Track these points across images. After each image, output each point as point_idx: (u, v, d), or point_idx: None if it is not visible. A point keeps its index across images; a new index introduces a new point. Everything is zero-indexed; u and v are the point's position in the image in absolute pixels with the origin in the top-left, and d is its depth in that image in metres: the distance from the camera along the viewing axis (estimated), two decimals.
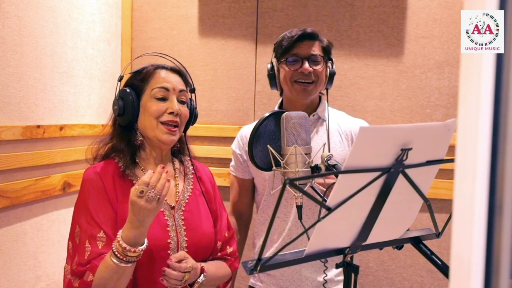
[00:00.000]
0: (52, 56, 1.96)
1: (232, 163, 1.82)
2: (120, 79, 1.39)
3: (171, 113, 1.32)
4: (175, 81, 1.36)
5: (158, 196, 1.14)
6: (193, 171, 1.47)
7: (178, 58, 2.47)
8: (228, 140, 2.37)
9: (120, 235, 1.18)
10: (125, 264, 1.17)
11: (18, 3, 1.75)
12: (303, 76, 1.60)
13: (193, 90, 1.44)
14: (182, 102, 1.37)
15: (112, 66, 2.43)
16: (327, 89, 1.68)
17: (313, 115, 1.68)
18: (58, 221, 2.00)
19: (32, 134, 1.82)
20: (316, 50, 1.61)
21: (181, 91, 1.36)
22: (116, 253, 1.16)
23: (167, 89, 1.33)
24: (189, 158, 1.49)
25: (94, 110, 2.28)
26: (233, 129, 2.38)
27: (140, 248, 1.17)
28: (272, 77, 1.67)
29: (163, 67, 1.38)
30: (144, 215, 1.15)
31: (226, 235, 1.48)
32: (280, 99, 1.76)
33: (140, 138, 1.36)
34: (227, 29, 2.42)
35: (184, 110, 1.36)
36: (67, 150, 2.03)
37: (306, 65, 1.59)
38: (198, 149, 2.43)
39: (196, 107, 1.45)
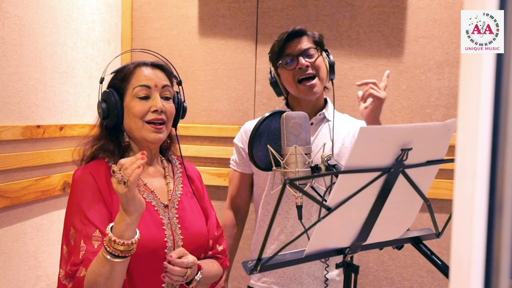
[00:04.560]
0: (52, 56, 1.96)
1: (234, 157, 1.82)
2: (101, 81, 1.36)
3: (155, 111, 1.29)
4: (157, 77, 1.32)
5: (124, 180, 1.09)
6: (181, 170, 1.46)
7: (178, 58, 2.49)
8: (228, 140, 2.37)
9: (110, 225, 1.15)
10: (113, 258, 1.13)
11: (18, 3, 1.75)
12: (303, 73, 1.62)
13: (180, 83, 1.41)
14: (166, 98, 1.33)
15: (112, 66, 2.42)
16: (332, 81, 1.70)
17: (319, 114, 1.69)
18: (58, 221, 1.99)
19: (32, 134, 1.82)
20: (307, 44, 1.64)
21: (164, 86, 1.32)
22: (105, 244, 1.14)
23: (148, 87, 1.30)
24: (176, 157, 1.48)
25: (94, 110, 2.27)
26: (233, 129, 2.38)
27: (128, 241, 1.13)
28: (275, 84, 1.71)
29: (144, 64, 1.35)
30: (122, 200, 1.11)
31: (216, 233, 1.47)
32: (284, 101, 1.76)
33: (127, 139, 1.34)
34: (227, 29, 2.42)
35: (169, 106, 1.33)
36: (67, 150, 2.03)
37: (302, 60, 1.61)
38: (198, 149, 2.44)
39: (184, 100, 1.42)
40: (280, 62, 1.64)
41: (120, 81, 1.34)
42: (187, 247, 1.32)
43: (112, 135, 1.35)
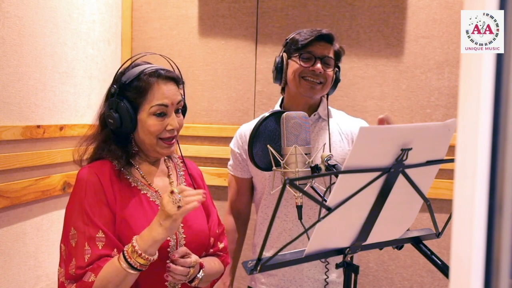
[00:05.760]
0: (52, 56, 1.96)
1: (231, 162, 1.82)
2: (113, 92, 1.31)
3: (171, 130, 1.32)
4: (172, 93, 1.32)
5: (179, 204, 1.16)
6: (183, 168, 1.48)
7: (178, 58, 2.48)
8: (228, 140, 2.36)
9: (136, 237, 1.19)
10: (129, 269, 1.17)
11: (18, 3, 1.75)
12: (313, 75, 1.61)
13: (182, 84, 1.40)
14: (177, 111, 1.35)
15: (112, 66, 2.43)
16: (327, 94, 1.69)
17: (314, 115, 1.69)
18: (58, 221, 1.99)
19: (32, 134, 1.82)
20: (330, 53, 1.64)
21: (178, 102, 1.34)
22: (125, 253, 1.17)
23: (166, 106, 1.31)
24: (178, 156, 1.50)
25: (94, 110, 2.26)
26: (233, 129, 2.37)
27: (151, 257, 1.18)
28: (280, 70, 1.66)
29: (159, 76, 1.31)
30: (162, 216, 1.17)
31: (217, 231, 1.49)
32: (281, 98, 1.76)
33: (135, 148, 1.36)
34: (227, 29, 2.42)
35: (180, 120, 1.36)
36: (67, 150, 2.03)
37: (319, 65, 1.60)
38: (198, 149, 2.44)
39: (184, 100, 1.41)
40: (297, 54, 1.62)
41: (136, 94, 1.30)
42: (189, 246, 1.33)
43: (119, 141, 1.35)
